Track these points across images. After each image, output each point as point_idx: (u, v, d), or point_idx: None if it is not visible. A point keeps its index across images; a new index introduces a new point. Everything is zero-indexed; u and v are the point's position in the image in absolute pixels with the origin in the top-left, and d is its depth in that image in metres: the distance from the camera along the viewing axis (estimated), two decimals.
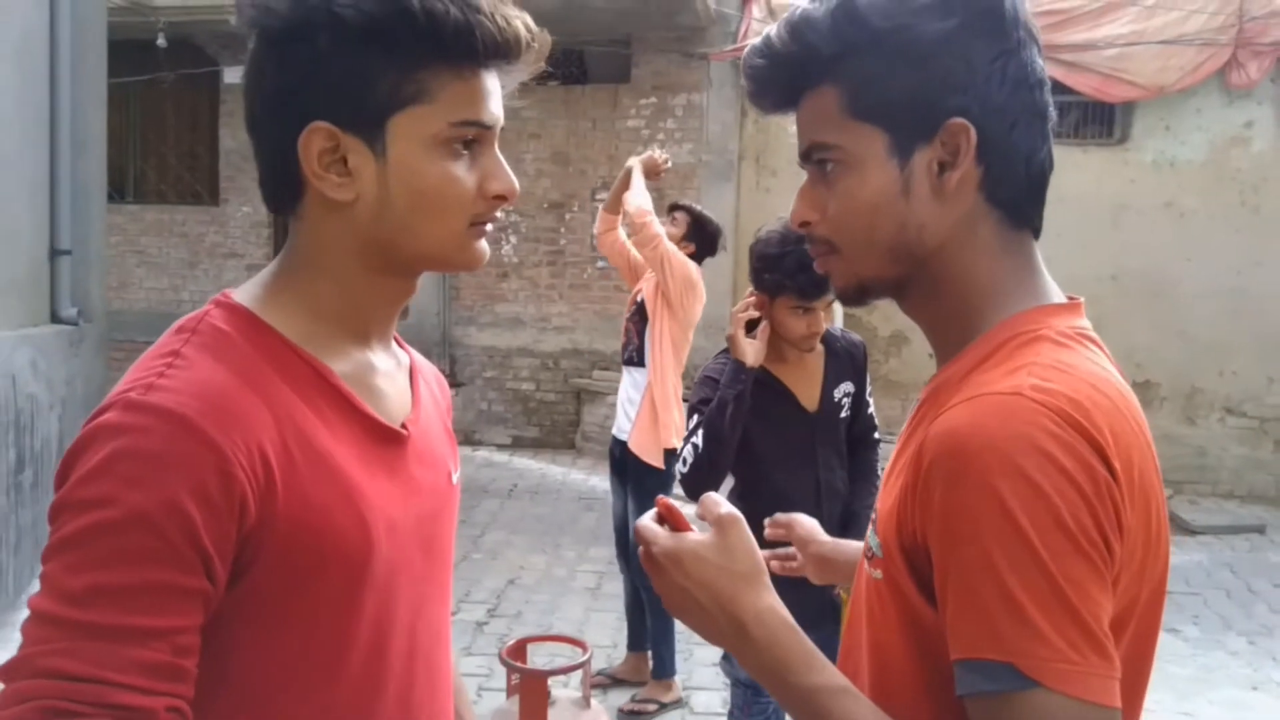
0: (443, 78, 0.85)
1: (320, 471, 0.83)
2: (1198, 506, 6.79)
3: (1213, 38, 6.75)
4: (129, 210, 8.95)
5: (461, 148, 0.87)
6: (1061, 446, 0.73)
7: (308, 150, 0.85)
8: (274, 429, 0.81)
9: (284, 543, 0.81)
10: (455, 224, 0.89)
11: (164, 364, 0.81)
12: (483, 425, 8.45)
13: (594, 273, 8.20)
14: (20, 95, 4.63)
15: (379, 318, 0.95)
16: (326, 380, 0.88)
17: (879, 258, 0.88)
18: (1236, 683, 4.15)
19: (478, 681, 3.91)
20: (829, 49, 0.85)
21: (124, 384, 0.81)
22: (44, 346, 4.72)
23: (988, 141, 0.83)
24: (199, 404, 0.78)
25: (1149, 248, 7.12)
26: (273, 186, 0.90)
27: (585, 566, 5.31)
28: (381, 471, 0.90)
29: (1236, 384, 7.16)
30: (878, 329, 7.49)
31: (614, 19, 7.38)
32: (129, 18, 7.39)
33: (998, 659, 0.71)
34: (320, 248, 0.90)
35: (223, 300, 0.89)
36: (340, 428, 0.87)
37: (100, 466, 0.75)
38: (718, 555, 0.85)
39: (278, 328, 0.87)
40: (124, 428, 0.76)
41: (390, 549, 0.88)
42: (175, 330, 0.86)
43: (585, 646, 2.83)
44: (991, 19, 0.84)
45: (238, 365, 0.83)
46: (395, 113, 0.85)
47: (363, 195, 0.86)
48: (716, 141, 7.83)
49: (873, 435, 2.62)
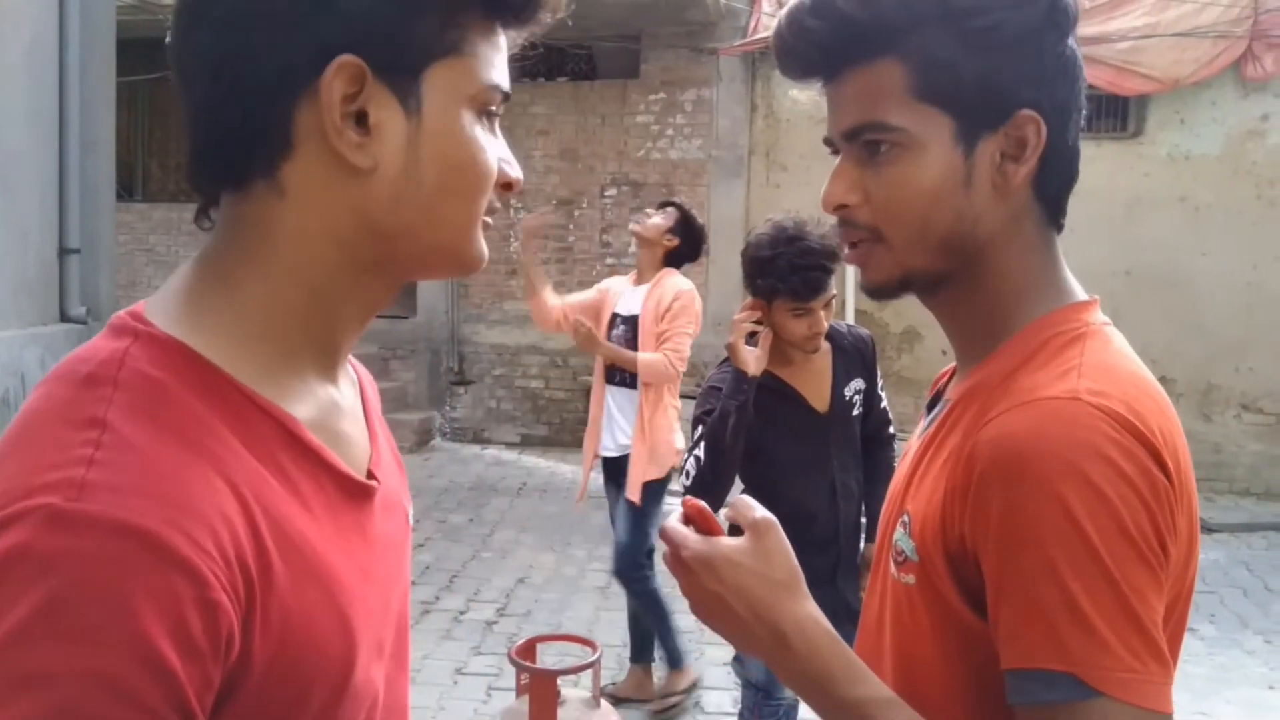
0: (479, 30, 0.68)
1: (299, 569, 0.63)
2: (1214, 504, 6.73)
3: (1228, 30, 6.68)
4: (137, 208, 8.98)
5: (485, 120, 0.70)
6: (1122, 452, 0.72)
7: (329, 93, 0.63)
8: (243, 519, 0.60)
9: (262, 674, 0.60)
10: (477, 209, 0.71)
11: (87, 443, 0.57)
12: (492, 423, 8.44)
13: (603, 269, 8.17)
14: (30, 95, 4.63)
15: (349, 335, 0.73)
16: (292, 433, 0.67)
17: (931, 249, 0.84)
18: (1253, 682, 4.10)
19: (487, 681, 3.89)
20: (900, 19, 0.80)
21: (16, 477, 0.56)
22: (53, 345, 4.73)
23: (1049, 137, 0.81)
24: (157, 506, 0.56)
25: (1163, 242, 7.06)
26: (230, 147, 0.66)
27: (595, 565, 5.28)
28: (355, 537, 0.71)
29: (1253, 380, 7.09)
30: (890, 325, 7.45)
31: (623, 14, 7.35)
32: (138, 16, 7.40)
33: (1059, 668, 0.70)
34: (295, 235, 0.67)
35: (139, 328, 0.64)
36: (310, 495, 0.67)
37: (30, 621, 0.52)
38: (754, 561, 0.80)
39: (221, 364, 0.64)
40: (55, 557, 0.53)
41: (368, 645, 0.70)
42: (82, 382, 0.60)
43: (595, 646, 2.82)
44: (1060, 11, 0.82)
45: (185, 432, 0.60)
46: (435, 61, 0.66)
47: (383, 163, 0.66)
48: (726, 137, 7.79)
49: (888, 431, 2.59)
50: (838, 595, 2.35)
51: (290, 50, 0.63)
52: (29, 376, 4.34)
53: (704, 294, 7.84)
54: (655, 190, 7.97)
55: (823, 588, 2.46)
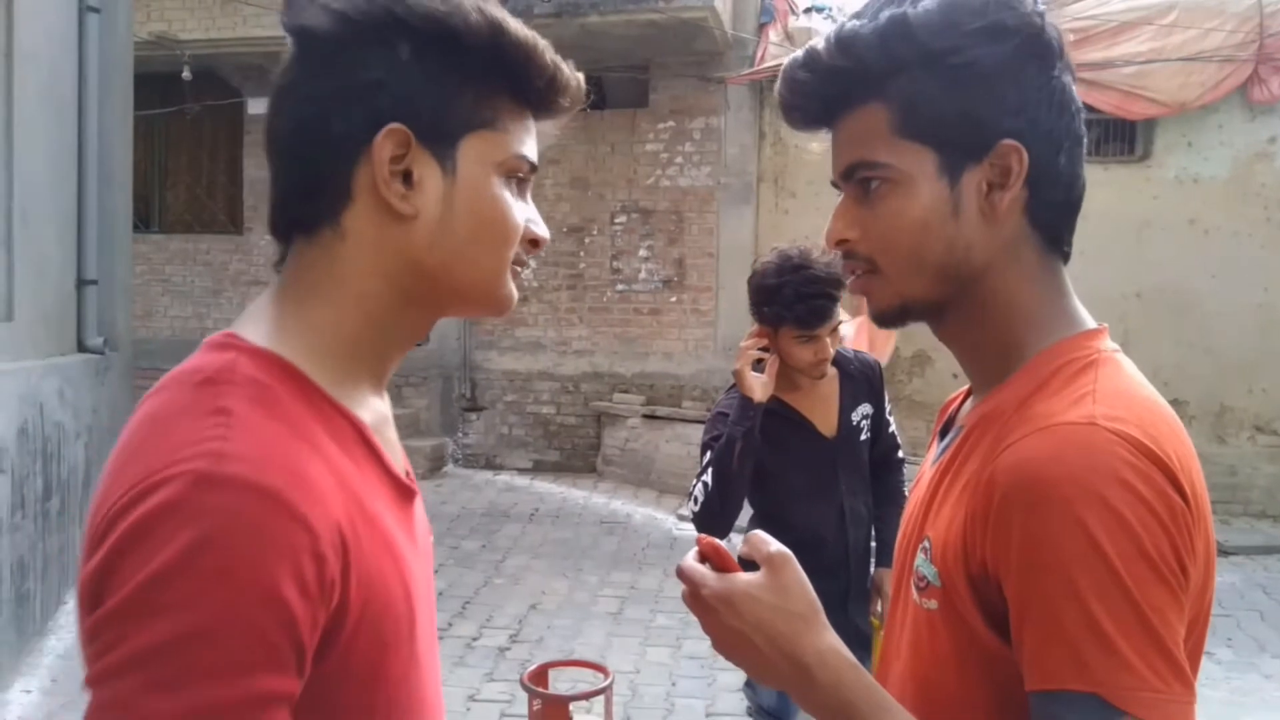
0: (511, 109, 0.83)
1: (376, 541, 0.75)
2: (1230, 526, 6.68)
3: (1233, 54, 6.71)
4: (154, 239, 9.09)
5: (514, 185, 0.85)
6: (1140, 476, 0.73)
7: (380, 153, 0.78)
8: (338, 493, 0.72)
9: (354, 625, 0.71)
10: (505, 257, 0.84)
11: (218, 425, 0.68)
12: (504, 449, 8.46)
13: (613, 296, 8.22)
14: (49, 130, 4.71)
15: (395, 357, 0.88)
16: (363, 435, 0.80)
17: (926, 278, 0.87)
18: (1271, 706, 4.07)
19: (499, 707, 3.89)
20: (880, 66, 0.84)
21: (159, 454, 0.67)
22: (71, 375, 4.78)
23: (1036, 164, 0.84)
24: (283, 474, 0.67)
25: (1173, 265, 7.06)
26: (303, 197, 0.81)
27: (607, 591, 5.29)
28: (404, 533, 0.82)
29: (1266, 402, 7.06)
30: (900, 349, 7.44)
31: (632, 45, 7.44)
32: (155, 51, 7.53)
33: (1083, 689, 0.71)
34: (354, 271, 0.81)
35: (242, 345, 0.77)
36: (378, 487, 0.80)
37: (181, 559, 0.63)
38: (772, 595, 0.81)
39: (309, 373, 0.78)
40: (203, 509, 0.64)
41: (424, 619, 0.82)
42: (201, 383, 0.73)
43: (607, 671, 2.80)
44: (1040, 45, 0.84)
45: (291, 421, 0.72)
46: (470, 132, 0.81)
47: (423, 212, 0.80)
48: (735, 164, 7.85)
49: (896, 456, 2.60)
50: (848, 621, 2.35)
51: (351, 120, 0.78)
52: (47, 406, 4.39)
53: (713, 319, 7.91)
54: (665, 217, 8.03)
55: (833, 613, 2.44)
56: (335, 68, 0.79)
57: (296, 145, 0.80)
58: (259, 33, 7.34)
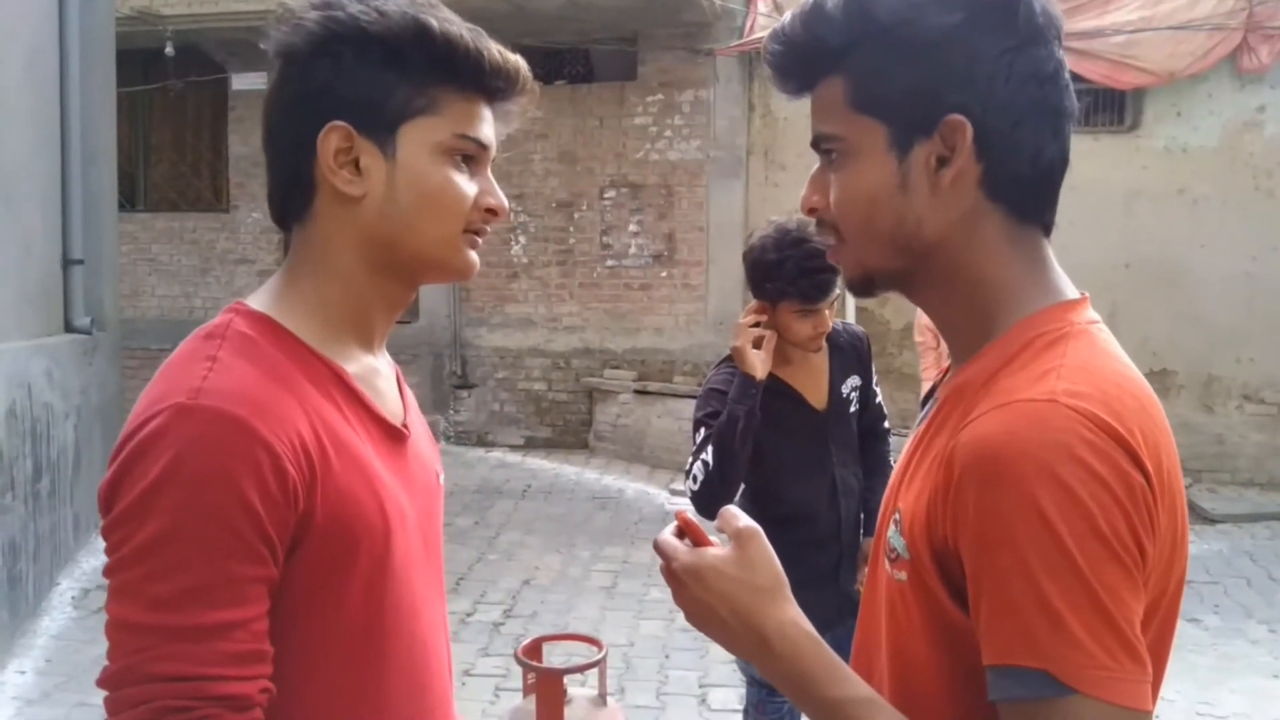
0: (450, 96, 0.95)
1: (347, 462, 0.91)
2: (1217, 495, 6.74)
3: (1222, 22, 6.69)
4: (140, 218, 9.01)
5: (462, 161, 0.97)
6: (1096, 453, 0.73)
7: (325, 146, 0.93)
8: (308, 424, 0.88)
9: (322, 530, 0.88)
10: (452, 226, 0.97)
11: (204, 368, 0.87)
12: (495, 426, 8.47)
13: (603, 271, 8.20)
14: (31, 107, 4.66)
15: (380, 322, 1.03)
16: (342, 379, 0.96)
17: (880, 248, 0.88)
18: (1258, 671, 4.12)
19: (494, 682, 3.92)
20: (837, 40, 0.85)
21: (160, 391, 0.86)
22: (58, 356, 4.75)
23: (988, 138, 0.83)
24: (248, 405, 0.84)
25: (1162, 235, 7.07)
26: (285, 191, 0.98)
27: (600, 565, 5.31)
28: (390, 467, 0.97)
29: (1254, 370, 7.10)
30: (890, 322, 7.47)
31: (619, 17, 7.37)
32: (137, 27, 7.43)
33: (1033, 665, 0.72)
34: (328, 247, 0.97)
35: (241, 309, 0.96)
36: (356, 424, 0.95)
37: (166, 473, 0.81)
38: (738, 569, 0.85)
39: (295, 331, 0.95)
40: (182, 433, 0.82)
41: (403, 539, 0.96)
42: (204, 336, 0.92)
43: (601, 644, 2.82)
44: (1000, 13, 0.83)
45: (269, 367, 0.90)
46: (406, 121, 0.94)
47: (371, 192, 0.95)
48: (724, 137, 7.81)
49: (883, 426, 2.60)
50: (840, 591, 2.37)
51: (305, 121, 0.94)
52: (35, 387, 4.36)
53: (703, 294, 7.90)
54: (654, 191, 8.00)
55: (826, 584, 2.48)
56: (293, 78, 0.95)
57: (272, 147, 0.97)
58: (242, 7, 7.23)
